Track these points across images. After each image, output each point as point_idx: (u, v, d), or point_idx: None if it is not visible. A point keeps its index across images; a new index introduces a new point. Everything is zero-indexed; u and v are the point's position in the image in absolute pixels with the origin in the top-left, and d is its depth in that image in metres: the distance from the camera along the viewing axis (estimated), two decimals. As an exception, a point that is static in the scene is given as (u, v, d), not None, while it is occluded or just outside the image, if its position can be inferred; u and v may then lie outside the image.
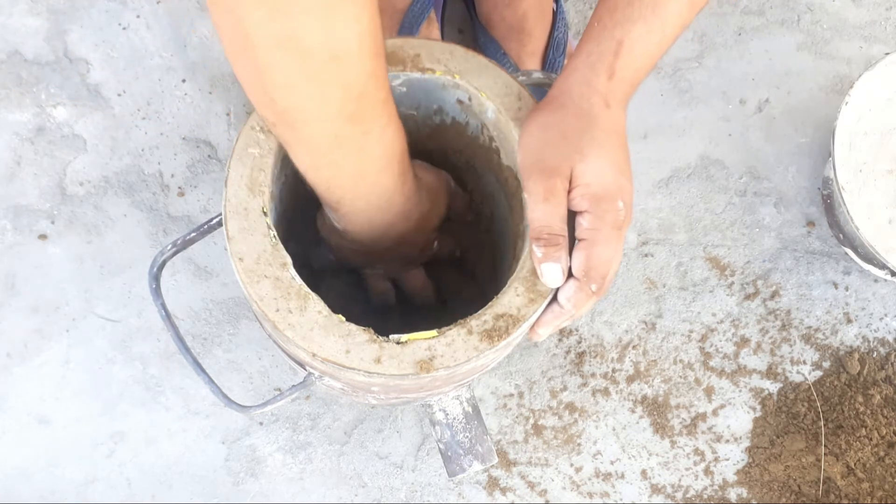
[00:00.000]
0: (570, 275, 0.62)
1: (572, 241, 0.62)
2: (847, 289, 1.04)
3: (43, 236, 0.98)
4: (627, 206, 0.61)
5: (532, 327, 0.63)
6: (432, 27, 1.00)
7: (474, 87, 0.66)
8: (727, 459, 0.99)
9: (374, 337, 0.60)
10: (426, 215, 0.71)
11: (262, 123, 0.63)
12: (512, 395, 0.99)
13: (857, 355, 1.02)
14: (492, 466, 0.97)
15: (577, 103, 0.61)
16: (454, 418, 0.86)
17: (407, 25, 0.97)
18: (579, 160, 0.60)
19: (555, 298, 0.63)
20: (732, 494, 0.98)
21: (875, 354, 1.02)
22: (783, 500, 0.98)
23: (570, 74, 0.63)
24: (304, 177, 0.62)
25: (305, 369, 0.67)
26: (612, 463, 0.98)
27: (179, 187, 1.00)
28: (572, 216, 0.62)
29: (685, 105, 1.07)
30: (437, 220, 0.73)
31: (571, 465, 0.98)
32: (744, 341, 1.02)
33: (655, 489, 0.98)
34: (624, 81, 0.62)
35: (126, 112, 1.02)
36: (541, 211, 0.60)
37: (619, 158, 0.61)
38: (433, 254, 0.78)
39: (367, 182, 0.61)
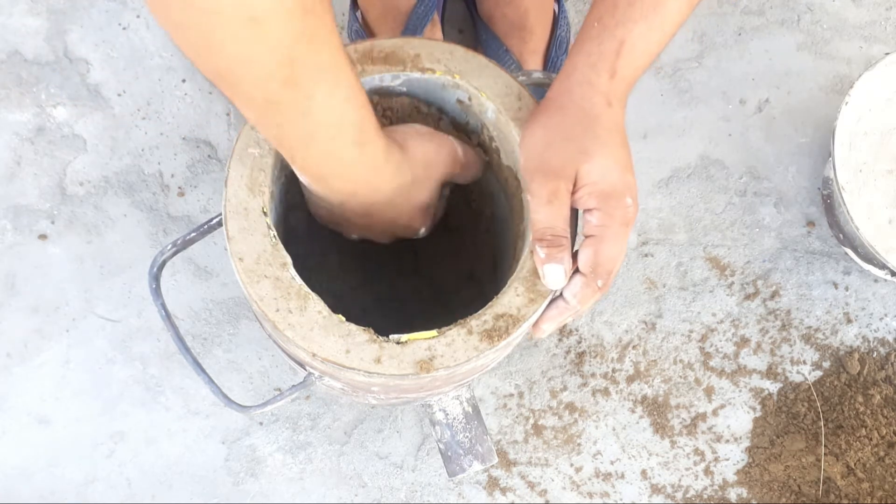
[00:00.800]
0: (574, 271, 0.62)
1: (573, 241, 0.62)
2: (847, 289, 1.04)
3: (43, 236, 0.98)
4: (634, 202, 0.61)
5: (535, 324, 0.63)
6: (436, 30, 1.00)
7: (474, 87, 0.66)
8: (727, 459, 0.99)
9: (374, 337, 0.60)
10: (411, 188, 0.67)
11: None
12: (512, 395, 0.99)
13: (857, 355, 1.02)
14: (492, 466, 0.97)
15: (578, 104, 0.62)
16: (454, 418, 0.86)
17: (411, 28, 0.97)
18: (584, 161, 0.60)
19: (559, 294, 0.63)
20: (732, 494, 0.98)
21: (875, 354, 1.02)
22: (783, 500, 0.98)
23: (570, 75, 0.63)
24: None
25: (305, 369, 0.67)
26: (612, 463, 0.98)
27: (179, 187, 1.00)
28: (574, 216, 0.62)
29: (685, 105, 1.07)
30: (431, 190, 0.69)
31: (571, 465, 0.98)
32: (744, 341, 1.02)
33: (655, 489, 0.98)
34: (624, 80, 0.62)
35: (126, 112, 1.02)
36: (544, 213, 0.60)
37: (623, 156, 0.61)
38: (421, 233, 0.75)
39: (318, 149, 0.59)
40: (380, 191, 0.65)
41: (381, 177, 0.64)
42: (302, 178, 0.64)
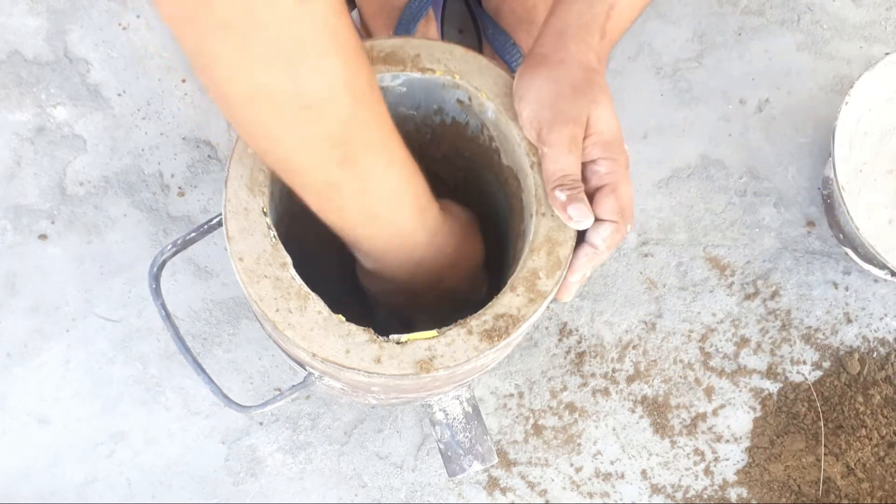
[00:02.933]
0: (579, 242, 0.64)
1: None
2: (847, 289, 1.04)
3: (43, 236, 0.98)
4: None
5: (564, 278, 0.63)
6: (430, 26, 1.00)
7: (474, 87, 0.66)
8: (727, 459, 0.99)
9: (374, 337, 0.60)
10: (462, 250, 0.70)
11: None
12: (512, 395, 0.99)
13: (857, 355, 1.02)
14: (492, 466, 0.97)
15: (576, 58, 0.64)
16: (454, 418, 0.86)
17: (404, 23, 0.97)
18: (594, 108, 0.62)
19: (582, 243, 0.63)
20: (732, 494, 0.98)
21: (875, 354, 1.02)
22: (783, 500, 0.98)
23: (564, 32, 0.65)
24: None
25: (305, 369, 0.67)
26: (612, 463, 0.98)
27: (179, 187, 1.00)
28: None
29: (685, 105, 1.07)
30: (477, 255, 0.73)
31: (571, 465, 0.98)
32: (744, 341, 1.02)
33: (655, 489, 0.98)
34: (611, 41, 0.66)
35: (126, 112, 1.02)
36: (565, 161, 0.62)
37: (613, 106, 0.64)
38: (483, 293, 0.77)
39: (380, 221, 0.61)
40: (444, 253, 0.68)
41: (443, 239, 0.67)
42: (367, 262, 0.66)
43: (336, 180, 0.56)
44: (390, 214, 0.61)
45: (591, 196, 0.63)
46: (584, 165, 0.63)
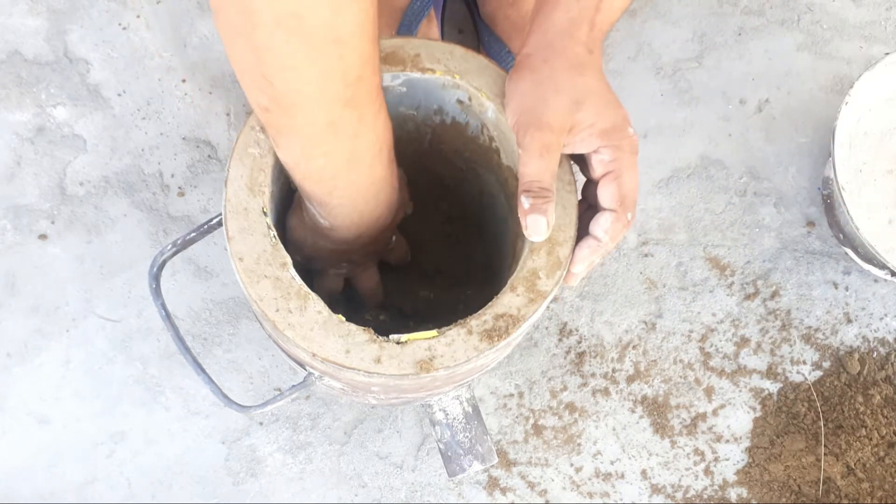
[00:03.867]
0: (586, 231, 0.63)
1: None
2: (847, 289, 1.04)
3: (43, 236, 0.98)
4: (633, 131, 0.63)
5: (568, 269, 0.63)
6: (431, 26, 1.01)
7: (474, 87, 0.66)
8: (727, 459, 0.99)
9: (374, 337, 0.60)
10: (401, 206, 0.71)
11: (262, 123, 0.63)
12: (512, 395, 0.99)
13: (857, 355, 1.02)
14: (492, 466, 0.97)
15: (561, 55, 0.63)
16: (454, 418, 0.86)
17: (406, 24, 0.97)
18: (577, 110, 0.61)
19: (586, 235, 0.63)
20: (732, 494, 0.98)
21: (875, 354, 1.03)
22: (783, 500, 0.98)
23: (549, 30, 0.64)
24: (291, 174, 0.62)
25: (305, 369, 0.67)
26: (612, 463, 0.98)
27: (179, 187, 1.00)
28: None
29: (685, 105, 1.07)
30: (403, 212, 0.74)
31: (571, 465, 0.98)
32: (744, 341, 1.02)
33: (655, 489, 0.98)
34: (602, 31, 0.65)
35: (126, 112, 1.02)
36: (534, 166, 0.61)
37: (612, 95, 0.63)
38: (387, 253, 0.78)
39: (360, 170, 0.62)
40: (393, 209, 0.68)
41: (397, 195, 0.67)
42: (328, 218, 0.66)
43: (336, 120, 0.56)
44: (371, 163, 0.62)
45: (597, 184, 0.63)
46: (587, 156, 0.63)
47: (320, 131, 0.57)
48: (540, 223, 0.61)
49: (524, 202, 0.61)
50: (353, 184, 0.63)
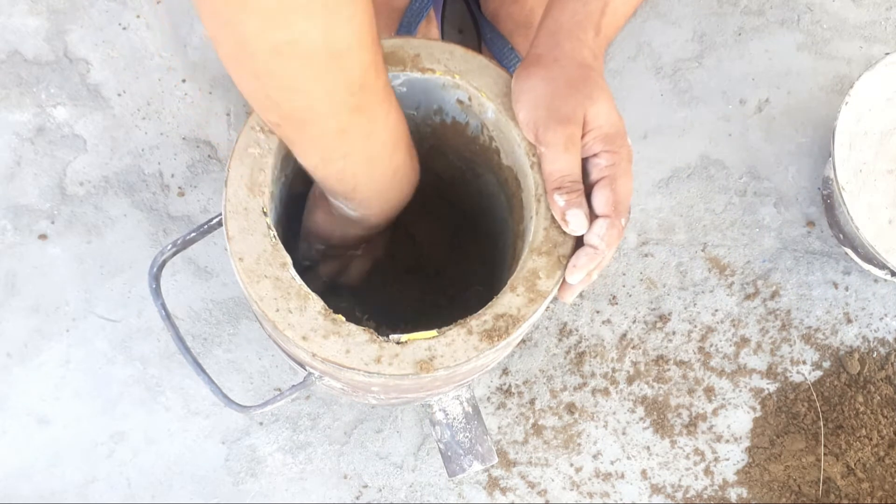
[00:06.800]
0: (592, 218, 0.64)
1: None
2: (847, 289, 1.04)
3: (43, 236, 0.98)
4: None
5: (565, 280, 0.63)
6: (431, 26, 1.01)
7: (474, 87, 0.66)
8: (727, 459, 0.99)
9: (374, 337, 0.60)
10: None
11: (263, 123, 0.63)
12: (512, 395, 0.99)
13: (857, 355, 1.02)
14: (492, 466, 0.97)
15: (570, 56, 0.64)
16: (454, 418, 0.86)
17: (405, 24, 0.97)
18: (590, 105, 0.62)
19: (581, 245, 0.63)
20: (732, 494, 0.98)
21: (875, 354, 1.03)
22: (783, 500, 0.98)
23: (557, 32, 0.65)
24: (312, 174, 0.63)
25: (305, 369, 0.67)
26: (612, 463, 0.98)
27: (179, 187, 1.00)
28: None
29: (685, 105, 1.07)
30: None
31: (571, 465, 0.98)
32: (744, 341, 1.02)
33: (655, 489, 0.98)
34: (606, 38, 0.66)
35: (126, 112, 1.02)
36: (562, 161, 0.62)
37: (614, 101, 0.64)
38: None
39: (380, 164, 0.63)
40: (414, 188, 0.70)
41: (418, 175, 0.69)
42: (357, 210, 0.67)
43: (347, 126, 0.57)
44: (390, 157, 0.63)
45: (590, 190, 0.63)
46: (585, 160, 0.63)
47: (333, 138, 0.58)
48: (580, 217, 0.62)
49: (559, 200, 0.62)
50: (376, 178, 0.64)
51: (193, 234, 0.68)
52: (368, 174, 0.63)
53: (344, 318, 0.60)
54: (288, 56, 0.51)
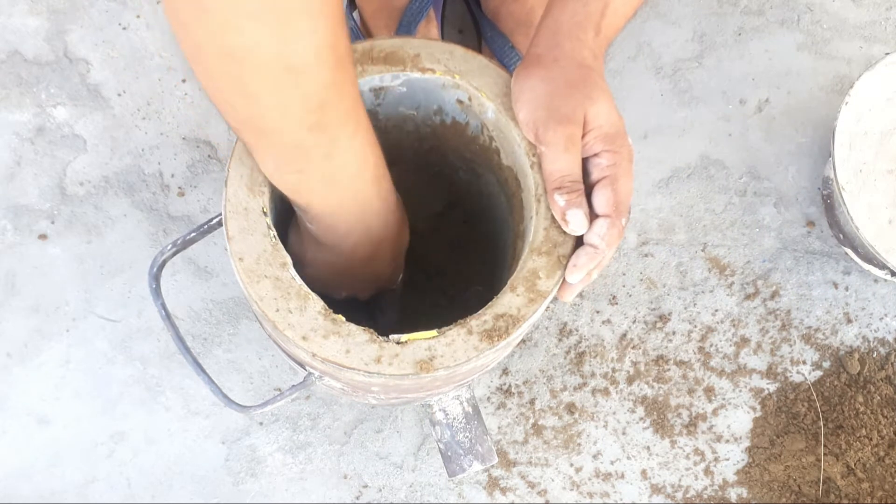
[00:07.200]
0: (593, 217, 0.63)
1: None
2: (847, 289, 1.04)
3: (43, 236, 0.98)
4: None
5: (565, 280, 0.63)
6: (431, 26, 1.01)
7: (474, 87, 0.66)
8: (727, 459, 0.99)
9: (374, 337, 0.60)
10: (400, 227, 0.70)
11: None
12: (512, 395, 0.99)
13: (857, 355, 1.02)
14: (492, 466, 0.97)
15: (570, 56, 0.64)
16: (454, 418, 0.86)
17: (405, 24, 0.97)
18: (590, 105, 0.62)
19: (581, 244, 0.63)
20: (732, 494, 0.98)
21: (875, 354, 1.03)
22: (783, 500, 0.98)
23: (557, 32, 0.65)
24: (269, 180, 0.62)
25: (305, 369, 0.67)
26: (612, 463, 0.98)
27: (179, 187, 1.00)
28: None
29: (685, 105, 1.07)
30: (405, 237, 0.72)
31: (571, 465, 0.98)
32: (744, 341, 1.02)
33: (655, 489, 0.98)
34: (606, 38, 0.66)
35: (126, 112, 1.02)
36: (562, 161, 0.62)
37: (614, 101, 0.64)
38: (398, 282, 0.77)
39: (339, 188, 0.61)
40: (389, 226, 0.67)
41: (392, 209, 0.67)
42: (314, 226, 0.65)
43: (304, 143, 0.56)
44: (350, 181, 0.61)
45: (591, 189, 0.63)
46: (586, 160, 0.63)
47: (289, 152, 0.57)
48: (580, 217, 0.62)
49: (559, 200, 0.62)
50: (332, 200, 0.62)
51: (193, 234, 0.68)
52: (323, 194, 0.61)
53: (344, 318, 0.60)
54: (238, 62, 0.49)
